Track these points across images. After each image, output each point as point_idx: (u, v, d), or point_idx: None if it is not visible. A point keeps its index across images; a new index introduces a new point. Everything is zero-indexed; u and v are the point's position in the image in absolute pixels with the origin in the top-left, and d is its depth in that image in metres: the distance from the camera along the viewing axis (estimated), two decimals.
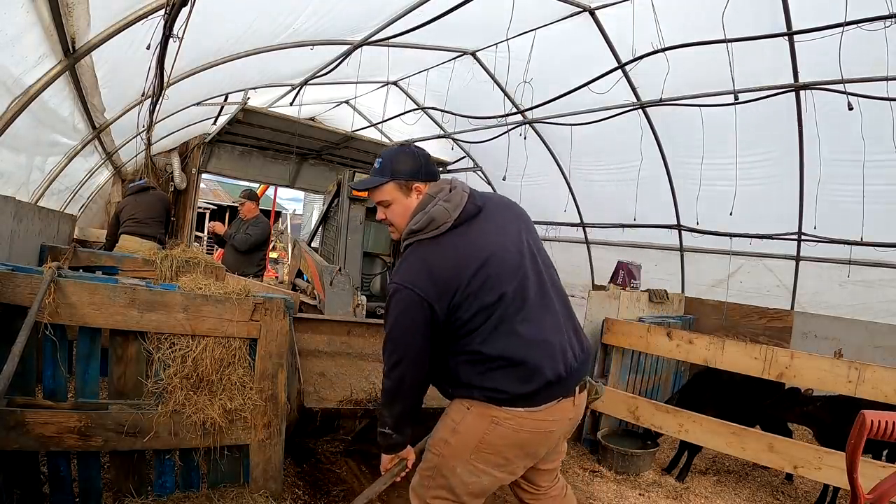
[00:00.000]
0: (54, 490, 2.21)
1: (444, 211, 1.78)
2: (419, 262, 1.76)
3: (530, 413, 1.74)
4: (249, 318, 2.43)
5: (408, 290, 1.71)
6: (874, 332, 4.73)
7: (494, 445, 1.77)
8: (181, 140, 7.44)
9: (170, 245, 5.00)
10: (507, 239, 1.82)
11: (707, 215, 5.59)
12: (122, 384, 2.32)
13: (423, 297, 1.70)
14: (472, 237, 1.79)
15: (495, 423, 1.74)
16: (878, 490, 1.74)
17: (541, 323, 1.78)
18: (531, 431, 1.76)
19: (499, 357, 1.73)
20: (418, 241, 1.80)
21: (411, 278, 1.73)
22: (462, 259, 1.74)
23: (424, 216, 1.79)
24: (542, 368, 1.73)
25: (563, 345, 1.80)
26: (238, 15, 4.07)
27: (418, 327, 1.72)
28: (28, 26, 2.38)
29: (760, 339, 5.17)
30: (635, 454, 3.77)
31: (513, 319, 1.74)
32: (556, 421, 1.79)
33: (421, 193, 1.85)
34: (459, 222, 1.79)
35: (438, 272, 1.72)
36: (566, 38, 5.13)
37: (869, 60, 3.72)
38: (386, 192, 1.86)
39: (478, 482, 1.82)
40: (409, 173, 1.84)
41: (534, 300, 1.79)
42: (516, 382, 1.72)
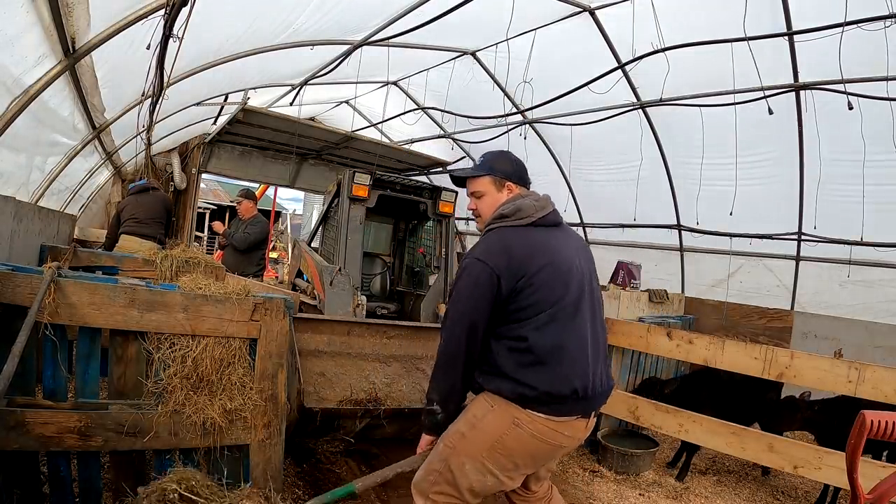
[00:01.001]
0: (54, 490, 2.21)
1: (532, 206, 1.97)
2: (499, 241, 1.92)
3: (550, 421, 1.81)
4: (249, 318, 2.43)
5: (483, 264, 1.85)
6: (874, 332, 4.73)
7: (509, 448, 1.83)
8: (181, 140, 7.44)
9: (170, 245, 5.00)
10: (574, 259, 1.96)
11: (707, 215, 5.59)
12: (122, 384, 2.32)
13: (494, 270, 1.82)
14: (549, 239, 1.95)
15: (516, 424, 1.81)
16: (878, 490, 1.74)
17: (582, 341, 1.88)
18: (545, 441, 1.83)
19: (541, 351, 1.81)
20: (503, 226, 1.97)
21: (488, 255, 1.87)
22: (536, 251, 1.88)
23: (513, 205, 1.98)
24: (573, 380, 1.81)
25: (595, 370, 1.89)
26: (238, 15, 4.07)
27: (485, 299, 1.83)
28: (28, 26, 2.38)
29: (760, 339, 5.17)
30: (635, 454, 3.77)
31: (562, 324, 1.85)
32: (569, 437, 1.87)
33: (512, 192, 2.06)
34: (541, 223, 1.97)
35: (513, 254, 1.86)
36: (566, 38, 5.13)
37: (869, 60, 3.72)
38: (481, 184, 2.08)
39: (482, 482, 1.86)
40: (505, 173, 2.07)
41: (582, 320, 1.90)
42: (549, 383, 1.79)
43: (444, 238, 4.93)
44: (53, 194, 4.74)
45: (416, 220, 5.54)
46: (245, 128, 5.94)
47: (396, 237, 5.79)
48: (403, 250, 5.70)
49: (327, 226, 5.15)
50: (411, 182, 4.85)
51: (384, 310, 5.09)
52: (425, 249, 5.26)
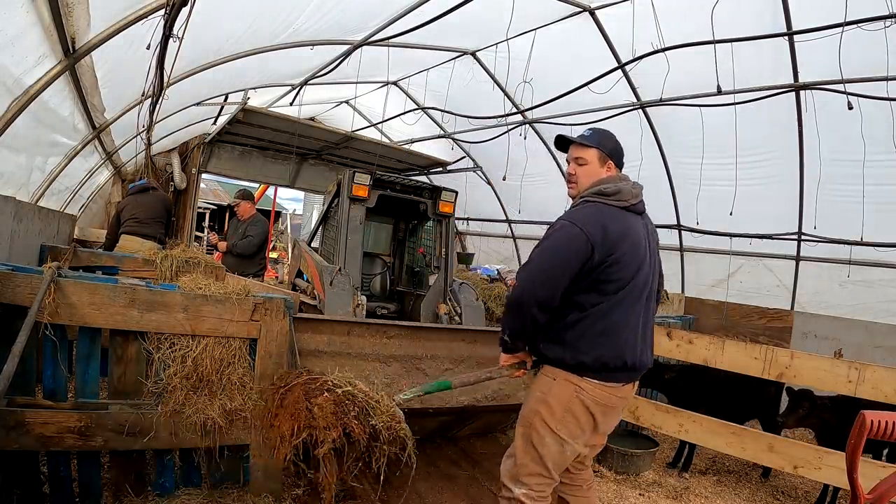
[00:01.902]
0: (54, 490, 2.21)
1: (630, 192, 2.12)
2: (598, 214, 2.05)
3: (604, 387, 2.04)
4: (249, 318, 2.43)
5: (578, 229, 1.99)
6: (874, 332, 4.73)
7: (575, 415, 2.05)
8: (181, 140, 7.44)
9: (170, 245, 5.00)
10: (647, 248, 2.16)
11: (707, 215, 5.58)
12: (122, 384, 2.32)
13: (590, 239, 1.97)
14: (635, 225, 2.12)
15: (577, 392, 2.04)
16: (878, 490, 1.74)
17: (637, 321, 2.10)
18: (603, 404, 2.06)
19: (608, 325, 2.02)
20: (601, 202, 2.10)
21: (585, 221, 2.01)
22: (625, 234, 2.04)
23: (615, 186, 2.11)
24: (625, 354, 2.04)
25: (642, 348, 2.13)
26: (238, 15, 4.07)
27: (572, 257, 1.97)
28: (28, 26, 2.38)
29: (760, 339, 5.17)
30: (635, 454, 3.77)
31: (628, 305, 2.06)
32: (620, 398, 2.11)
33: (611, 171, 2.20)
34: (632, 209, 2.13)
35: (609, 230, 2.00)
36: (566, 38, 5.13)
37: (869, 60, 3.72)
38: (588, 154, 2.20)
39: (561, 453, 2.09)
40: (610, 151, 2.21)
41: (640, 303, 2.11)
42: (607, 354, 2.01)
43: (444, 238, 4.93)
44: (53, 194, 4.74)
45: (416, 220, 5.54)
46: (245, 128, 5.94)
47: (396, 237, 5.79)
48: (403, 250, 5.69)
49: (327, 226, 5.14)
50: (411, 182, 4.85)
51: (384, 310, 5.09)
52: (425, 249, 5.26)
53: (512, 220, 8.32)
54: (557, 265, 1.99)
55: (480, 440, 3.98)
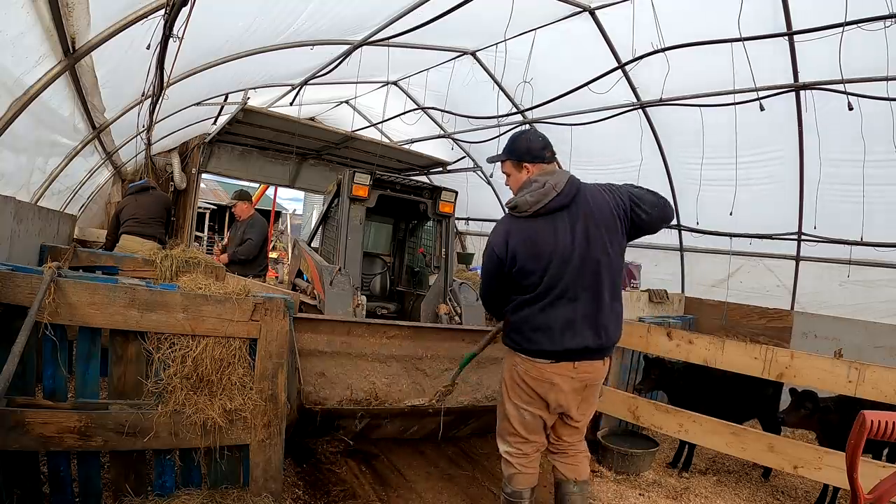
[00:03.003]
0: (54, 490, 2.21)
1: (526, 202, 2.28)
2: (504, 231, 2.34)
3: (534, 363, 2.32)
4: (249, 318, 2.43)
5: (490, 246, 2.38)
6: (874, 332, 4.72)
7: (516, 382, 2.39)
8: (181, 140, 7.44)
9: (170, 245, 5.00)
10: (574, 242, 2.26)
11: (707, 215, 5.58)
12: (122, 384, 2.32)
13: (497, 254, 2.33)
14: (541, 230, 2.27)
15: (514, 365, 2.40)
16: (878, 490, 1.74)
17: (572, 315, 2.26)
18: (535, 378, 2.33)
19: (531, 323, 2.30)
20: (509, 215, 2.39)
21: (495, 239, 2.36)
22: (527, 242, 2.27)
23: (515, 200, 2.33)
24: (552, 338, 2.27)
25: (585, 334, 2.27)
26: (238, 15, 4.07)
27: (492, 271, 2.40)
28: (28, 26, 2.38)
29: (760, 339, 5.16)
30: (635, 454, 3.77)
31: (550, 303, 2.26)
32: (559, 375, 2.30)
33: (530, 170, 2.37)
34: (538, 213, 2.27)
35: (511, 243, 2.29)
36: (566, 38, 5.13)
37: (869, 60, 3.71)
38: (506, 167, 2.47)
39: (520, 416, 2.40)
40: (519, 154, 2.39)
41: (571, 297, 2.26)
42: (534, 343, 2.30)
43: (444, 238, 4.93)
44: (53, 194, 4.74)
45: (416, 220, 5.54)
46: (245, 128, 5.94)
47: (396, 237, 5.79)
48: (403, 250, 5.70)
49: (327, 226, 5.15)
50: (411, 182, 4.85)
51: (384, 310, 5.09)
52: (425, 249, 5.26)
53: None
54: (487, 277, 2.46)
55: (480, 440, 3.98)
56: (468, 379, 3.50)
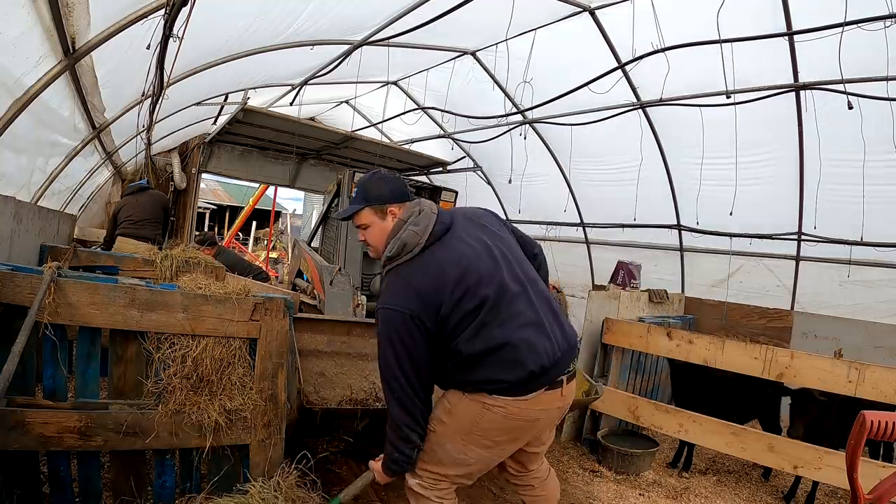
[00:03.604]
0: (54, 490, 2.21)
1: (414, 234, 1.92)
2: (403, 284, 1.89)
3: (517, 401, 1.87)
4: (249, 317, 2.43)
5: (398, 312, 1.83)
6: (874, 332, 4.73)
7: (485, 430, 1.91)
8: (181, 140, 7.44)
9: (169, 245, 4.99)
10: (476, 250, 1.95)
11: (707, 215, 5.59)
12: (122, 384, 2.32)
13: (414, 315, 1.82)
14: (445, 254, 1.91)
15: (486, 408, 1.88)
16: (878, 490, 1.74)
17: (521, 320, 1.90)
18: (518, 419, 1.90)
19: (484, 352, 1.85)
20: (396, 265, 1.93)
21: (398, 300, 1.85)
22: (440, 275, 1.86)
23: (397, 242, 1.93)
24: (524, 362, 1.85)
25: (546, 338, 1.91)
26: (238, 15, 4.07)
27: (415, 342, 1.83)
28: (28, 27, 2.38)
29: (760, 339, 5.16)
30: (635, 454, 3.77)
31: (494, 321, 1.87)
32: (543, 410, 1.93)
33: (395, 216, 2.01)
34: (430, 243, 1.92)
35: (423, 290, 1.85)
36: (566, 38, 5.13)
37: (869, 60, 3.72)
38: (364, 217, 2.04)
39: (464, 462, 1.97)
40: (381, 198, 2.01)
41: (512, 300, 1.91)
42: (503, 373, 1.85)
43: None
44: (53, 194, 4.74)
45: None
46: (245, 128, 5.95)
47: None
48: None
49: (327, 226, 5.15)
50: (411, 182, 4.85)
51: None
52: None
53: (512, 220, 8.32)
54: (417, 356, 1.84)
55: None
56: None
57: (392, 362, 1.85)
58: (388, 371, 1.87)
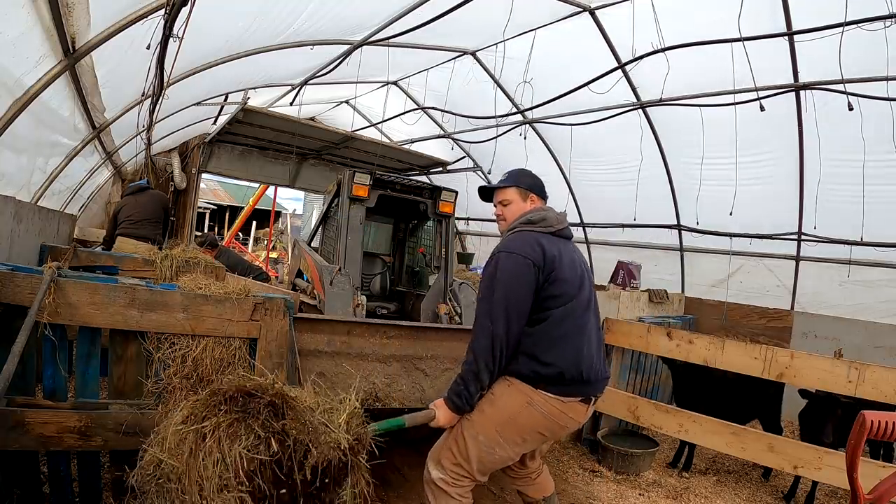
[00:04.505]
0: (54, 490, 2.21)
1: (556, 218, 2.27)
2: (531, 239, 2.15)
3: (558, 402, 2.05)
4: (249, 317, 2.43)
5: (518, 256, 2.09)
6: (874, 332, 4.73)
7: (520, 425, 2.07)
8: (181, 140, 7.44)
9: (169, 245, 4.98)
10: (581, 267, 2.27)
11: (707, 215, 5.59)
12: (122, 384, 2.32)
13: (532, 261, 2.07)
14: (565, 247, 2.23)
15: (529, 403, 2.05)
16: (878, 490, 1.74)
17: (588, 334, 2.16)
18: (553, 421, 2.08)
19: (558, 336, 2.07)
20: (530, 230, 2.22)
21: (522, 248, 2.11)
22: (558, 253, 2.15)
23: (541, 214, 2.26)
24: (580, 363, 2.08)
25: (595, 360, 2.16)
26: (238, 15, 4.07)
27: (525, 286, 2.06)
28: (28, 27, 2.38)
29: (760, 339, 5.17)
30: (635, 454, 3.77)
31: (575, 317, 2.12)
32: (572, 419, 2.12)
33: (534, 203, 2.35)
34: (559, 234, 2.25)
35: (545, 250, 2.12)
36: (566, 38, 5.13)
37: (869, 60, 3.72)
38: (508, 194, 2.37)
39: (490, 454, 2.10)
40: (528, 185, 2.36)
41: (587, 317, 2.19)
42: (561, 362, 2.04)
43: (444, 238, 4.93)
44: (53, 194, 4.74)
45: (416, 220, 5.54)
46: (245, 128, 5.94)
47: (396, 237, 5.78)
48: (403, 250, 5.69)
49: (327, 226, 5.14)
50: (411, 182, 4.85)
51: (384, 310, 5.09)
52: (425, 249, 5.26)
53: None
54: (521, 297, 2.05)
55: None
56: None
57: (497, 299, 2.04)
58: (488, 308, 2.06)
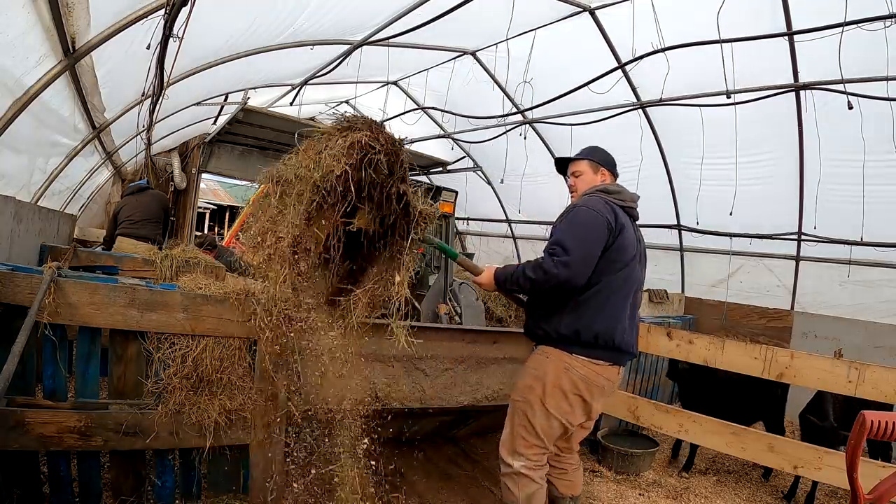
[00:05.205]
0: (54, 490, 2.21)
1: (630, 196, 2.43)
2: (608, 205, 2.29)
3: (592, 364, 2.24)
4: (249, 318, 2.43)
5: (597, 213, 2.23)
6: (874, 332, 4.73)
7: (564, 390, 2.25)
8: (181, 140, 7.43)
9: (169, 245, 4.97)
10: (638, 247, 2.40)
11: (707, 215, 5.58)
12: (122, 384, 2.32)
13: (609, 221, 2.22)
14: (631, 225, 2.37)
15: (566, 369, 2.25)
16: (878, 490, 1.74)
17: (626, 305, 2.32)
18: (590, 382, 2.25)
19: (604, 299, 2.23)
20: (606, 198, 2.33)
21: (600, 208, 2.25)
22: (626, 224, 2.30)
23: (618, 187, 2.41)
24: (615, 331, 2.25)
25: (626, 334, 2.32)
26: (238, 15, 4.07)
27: (599, 237, 2.20)
28: (28, 27, 2.39)
29: (760, 339, 5.17)
30: (635, 454, 3.77)
31: (621, 287, 2.27)
32: (607, 380, 2.30)
33: (605, 177, 2.48)
34: (629, 212, 2.38)
35: (617, 216, 2.27)
36: (566, 38, 5.13)
37: (869, 60, 3.72)
38: (581, 166, 2.51)
39: (549, 426, 2.28)
40: (601, 160, 2.51)
41: (629, 293, 2.33)
42: (601, 324, 2.21)
43: (444, 238, 4.93)
44: (53, 194, 4.74)
45: None
46: (245, 128, 5.93)
47: None
48: None
49: None
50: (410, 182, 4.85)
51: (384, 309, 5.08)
52: (425, 249, 5.26)
53: (512, 220, 8.32)
54: (593, 244, 2.19)
55: (480, 440, 3.97)
56: (468, 379, 3.50)
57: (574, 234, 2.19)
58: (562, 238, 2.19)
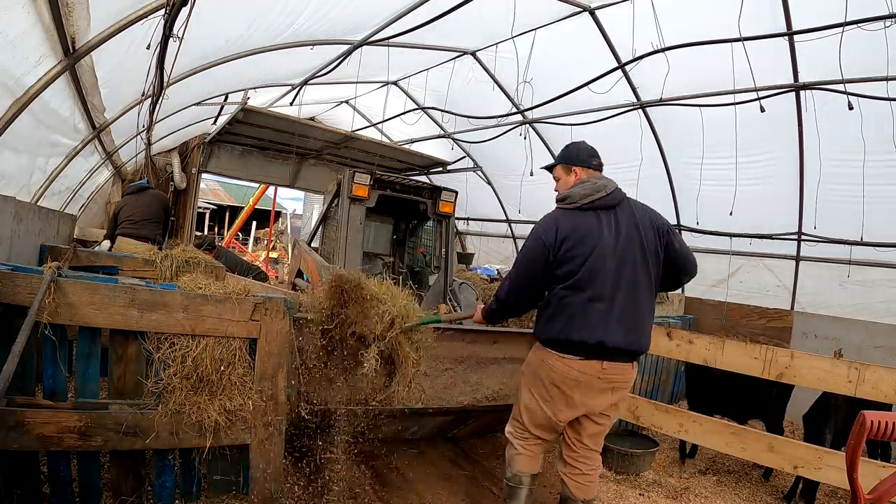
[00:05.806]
0: (54, 490, 2.21)
1: (577, 194, 2.41)
2: (552, 220, 2.41)
3: (563, 359, 2.33)
4: (249, 317, 2.43)
5: (535, 235, 2.40)
6: (874, 332, 4.73)
7: (541, 378, 2.42)
8: (181, 140, 7.43)
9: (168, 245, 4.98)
10: (616, 240, 2.35)
11: (707, 215, 5.58)
12: (122, 384, 2.32)
13: (544, 242, 2.36)
14: (592, 221, 2.37)
15: (542, 359, 2.41)
16: (878, 490, 1.74)
17: (605, 307, 2.29)
18: (561, 375, 2.34)
19: (565, 309, 2.33)
20: (559, 207, 2.47)
21: (542, 228, 2.40)
22: (576, 231, 2.34)
23: (566, 192, 2.46)
24: (583, 334, 2.28)
25: (615, 331, 2.29)
26: (238, 14, 4.07)
27: (533, 260, 2.39)
28: (28, 27, 2.39)
29: (760, 339, 5.16)
30: (635, 454, 3.77)
31: (589, 292, 2.30)
32: (583, 374, 2.32)
33: (578, 175, 2.50)
34: (588, 207, 2.38)
35: (560, 231, 2.35)
36: (566, 38, 5.13)
37: (869, 60, 3.71)
38: (557, 171, 2.61)
39: (534, 409, 2.46)
40: (569, 159, 2.55)
41: (608, 284, 2.30)
42: (563, 332, 2.32)
43: (444, 238, 4.93)
44: (53, 194, 4.74)
45: (416, 220, 5.54)
46: (245, 128, 5.94)
47: (396, 237, 5.79)
48: (403, 250, 5.69)
49: (327, 226, 5.14)
50: (411, 182, 4.85)
51: None
52: (425, 249, 5.26)
53: (512, 220, 8.32)
54: (523, 274, 2.45)
55: (480, 440, 3.98)
56: (468, 379, 3.50)
57: (514, 266, 2.50)
58: (514, 266, 2.51)
